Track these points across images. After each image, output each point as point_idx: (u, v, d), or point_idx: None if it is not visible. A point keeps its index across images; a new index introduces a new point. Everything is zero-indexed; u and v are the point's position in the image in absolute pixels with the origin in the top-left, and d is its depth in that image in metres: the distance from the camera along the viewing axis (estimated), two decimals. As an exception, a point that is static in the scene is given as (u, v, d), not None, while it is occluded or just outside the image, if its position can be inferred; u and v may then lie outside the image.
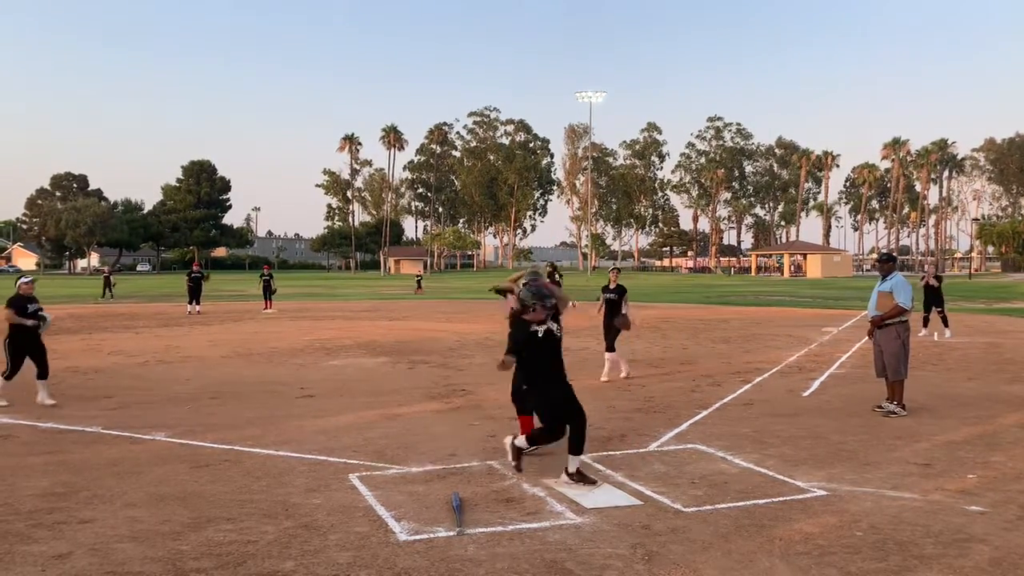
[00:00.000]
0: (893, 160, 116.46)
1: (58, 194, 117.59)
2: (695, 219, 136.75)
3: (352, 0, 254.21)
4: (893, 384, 9.73)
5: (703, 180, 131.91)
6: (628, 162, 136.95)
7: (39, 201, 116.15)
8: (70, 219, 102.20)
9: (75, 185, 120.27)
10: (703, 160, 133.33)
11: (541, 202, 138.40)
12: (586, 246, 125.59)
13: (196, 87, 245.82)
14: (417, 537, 5.26)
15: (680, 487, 6.46)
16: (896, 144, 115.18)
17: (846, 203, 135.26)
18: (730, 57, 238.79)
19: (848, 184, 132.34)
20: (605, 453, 7.64)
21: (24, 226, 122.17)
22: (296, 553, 4.98)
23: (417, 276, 53.40)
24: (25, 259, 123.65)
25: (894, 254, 11.52)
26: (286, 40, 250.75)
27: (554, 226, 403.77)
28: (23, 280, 10.66)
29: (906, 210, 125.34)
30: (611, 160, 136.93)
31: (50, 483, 6.56)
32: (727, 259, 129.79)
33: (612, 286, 13.11)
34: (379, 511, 5.80)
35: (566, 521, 5.62)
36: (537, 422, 6.97)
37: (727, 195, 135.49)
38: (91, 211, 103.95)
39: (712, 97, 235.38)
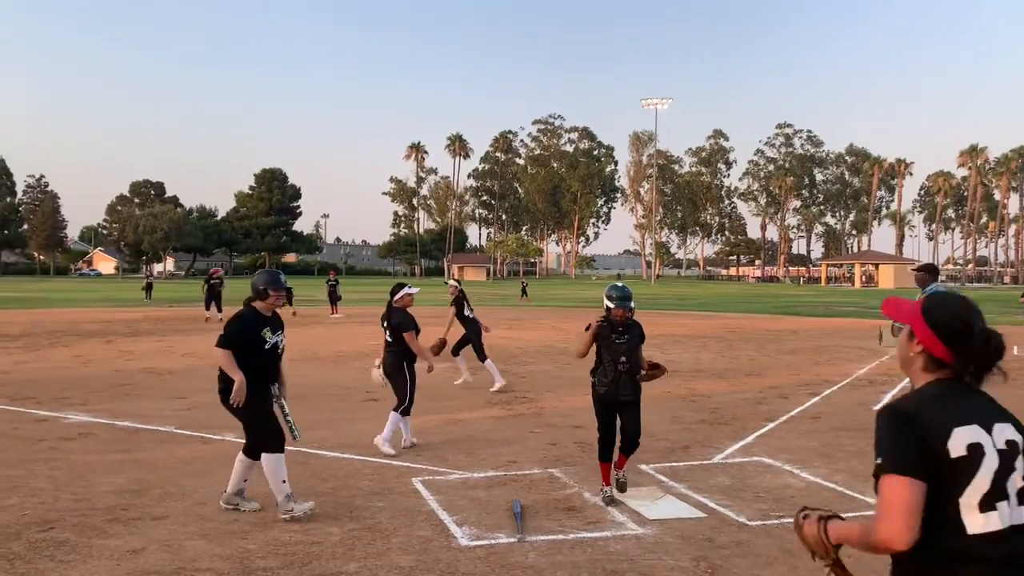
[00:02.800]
0: (970, 168, 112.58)
1: (136, 200, 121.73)
2: (763, 227, 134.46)
3: (420, 11, 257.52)
4: None
5: (772, 188, 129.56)
6: (694, 169, 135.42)
7: (119, 207, 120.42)
8: (147, 225, 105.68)
9: (152, 192, 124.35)
10: (772, 167, 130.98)
11: (604, 210, 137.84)
12: (650, 254, 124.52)
13: (270, 96, 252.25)
14: (478, 543, 5.28)
15: (745, 500, 6.34)
16: (974, 151, 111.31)
17: (920, 212, 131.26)
18: (800, 63, 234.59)
19: (922, 192, 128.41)
20: (668, 464, 7.56)
21: (104, 231, 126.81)
22: (360, 555, 5.04)
23: (523, 282, 50.37)
24: (105, 263, 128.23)
25: (933, 264, 11.00)
26: (356, 50, 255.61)
27: (617, 234, 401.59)
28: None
29: (984, 219, 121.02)
30: (676, 167, 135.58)
31: (125, 480, 6.78)
32: (796, 268, 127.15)
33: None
34: (441, 515, 5.84)
35: (628, 531, 5.57)
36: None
37: (796, 203, 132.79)
38: (167, 217, 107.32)
39: (781, 104, 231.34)
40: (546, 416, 10.02)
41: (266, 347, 5.88)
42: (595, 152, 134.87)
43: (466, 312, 12.44)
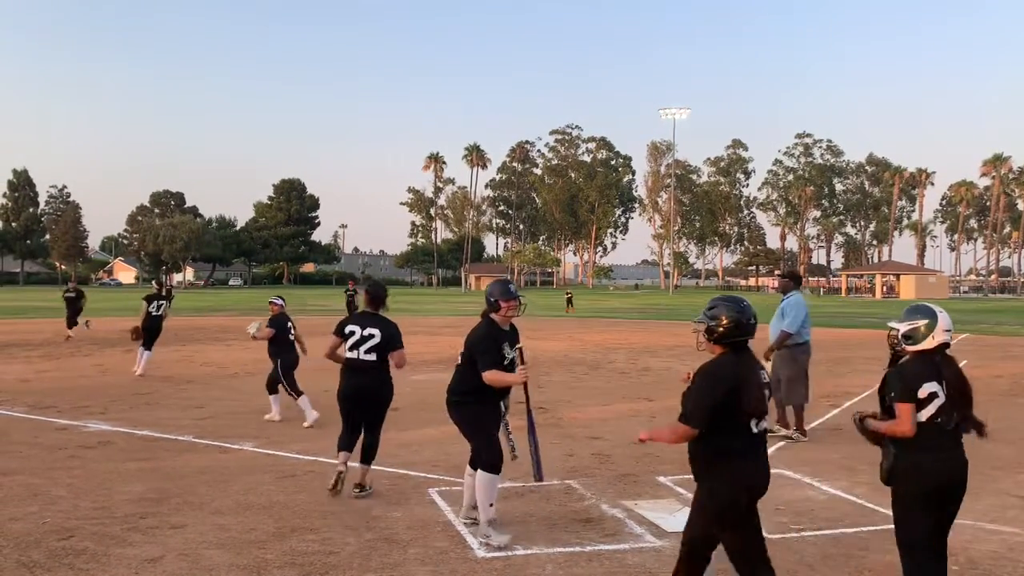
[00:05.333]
0: (994, 177, 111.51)
1: (156, 211, 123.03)
2: (782, 237, 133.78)
3: (437, 21, 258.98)
4: (794, 410, 9.28)
5: (791, 198, 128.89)
6: (712, 179, 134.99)
7: (139, 217, 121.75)
8: (167, 235, 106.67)
9: (172, 202, 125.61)
10: (791, 177, 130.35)
11: (622, 220, 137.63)
12: (668, 264, 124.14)
13: (289, 108, 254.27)
14: (495, 555, 5.25)
15: (764, 513, 6.21)
16: (997, 160, 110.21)
17: (942, 222, 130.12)
18: (819, 72, 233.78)
19: (944, 202, 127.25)
20: (687, 476, 7.46)
21: (125, 241, 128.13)
22: (376, 566, 5.03)
23: (568, 293, 48.90)
24: (125, 273, 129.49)
25: (796, 271, 10.85)
26: (374, 61, 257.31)
27: (635, 244, 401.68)
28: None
29: (1007, 229, 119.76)
30: (695, 177, 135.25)
31: (144, 489, 6.81)
32: (816, 279, 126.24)
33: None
34: (458, 527, 5.82)
35: (646, 544, 5.53)
36: None
37: (816, 213, 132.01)
38: (187, 227, 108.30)
39: (800, 113, 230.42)
40: (564, 427, 9.99)
41: (504, 363, 5.58)
42: (613, 162, 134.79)
43: (290, 336, 10.81)
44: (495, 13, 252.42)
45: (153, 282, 17.18)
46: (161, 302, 15.06)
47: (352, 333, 6.78)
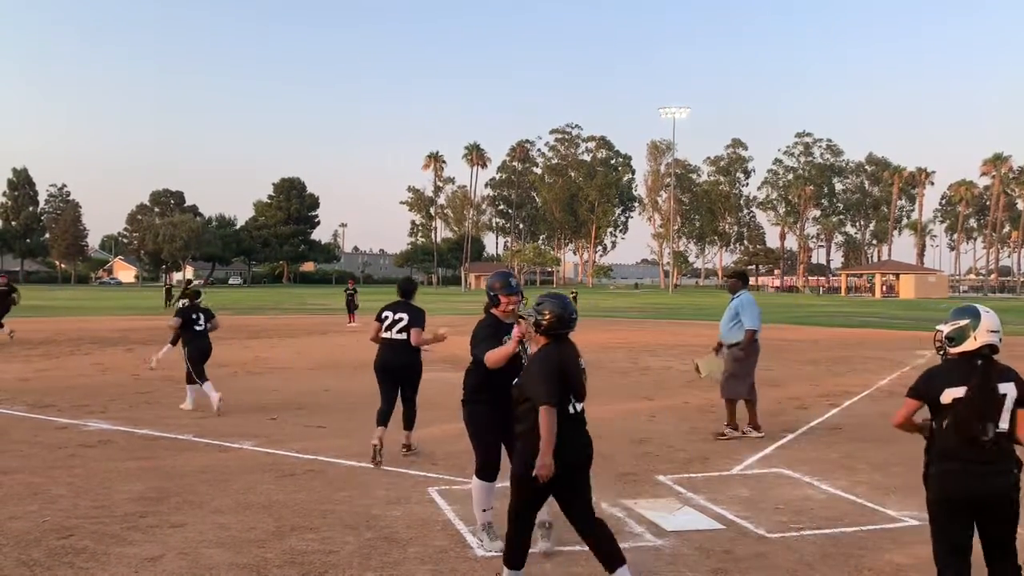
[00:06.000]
0: (994, 176, 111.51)
1: (156, 210, 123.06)
2: (782, 237, 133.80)
3: (437, 22, 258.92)
4: (727, 403, 9.40)
5: (791, 197, 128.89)
6: (712, 178, 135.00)
7: (139, 216, 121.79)
8: (167, 234, 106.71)
9: (172, 201, 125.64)
10: (791, 177, 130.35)
11: (622, 219, 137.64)
12: (668, 263, 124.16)
13: (288, 107, 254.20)
14: (494, 554, 5.25)
15: (764, 512, 6.29)
16: (997, 160, 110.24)
17: (941, 222, 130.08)
18: (819, 72, 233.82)
19: (944, 202, 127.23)
20: (686, 475, 7.50)
21: (124, 240, 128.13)
22: (376, 564, 5.04)
23: (573, 292, 46.68)
24: (125, 272, 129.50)
25: (744, 270, 10.95)
26: (374, 60, 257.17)
27: (635, 243, 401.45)
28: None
29: (1007, 229, 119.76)
30: (694, 176, 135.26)
31: (144, 488, 6.81)
32: (815, 278, 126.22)
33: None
34: (457, 525, 5.82)
35: (645, 543, 5.53)
36: None
37: (816, 212, 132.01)
38: (187, 226, 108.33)
39: (800, 113, 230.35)
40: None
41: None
42: (612, 161, 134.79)
43: (196, 327, 11.15)
44: (495, 14, 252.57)
45: (187, 284, 17.37)
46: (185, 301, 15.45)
47: (386, 318, 8.14)
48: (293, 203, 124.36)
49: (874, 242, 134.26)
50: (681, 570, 5.03)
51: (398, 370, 8.08)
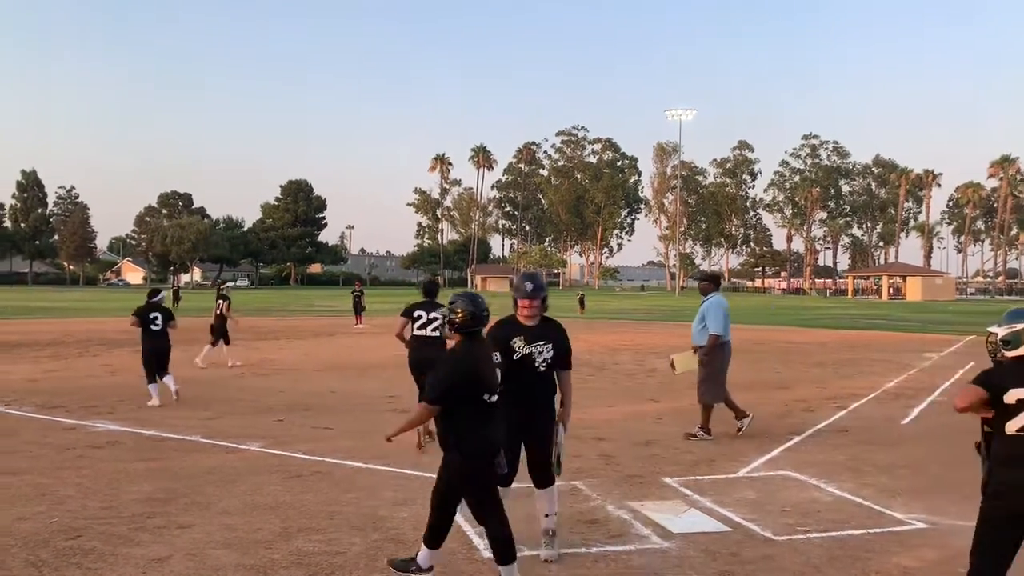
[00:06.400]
0: (1001, 179, 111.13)
1: (164, 212, 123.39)
2: (789, 239, 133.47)
3: (443, 22, 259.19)
4: (703, 408, 9.42)
5: (797, 199, 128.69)
6: (718, 180, 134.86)
7: (147, 218, 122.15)
8: (175, 235, 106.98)
9: (180, 203, 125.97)
10: (797, 179, 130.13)
11: (628, 221, 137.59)
12: (674, 265, 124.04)
13: (295, 108, 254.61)
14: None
15: (771, 514, 6.28)
16: (1005, 162, 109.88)
17: (948, 224, 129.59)
18: (825, 73, 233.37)
19: (951, 204, 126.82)
20: (692, 478, 7.50)
21: (133, 242, 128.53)
22: (382, 566, 5.04)
23: (580, 294, 47.84)
24: (133, 273, 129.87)
25: (716, 272, 10.99)
26: (380, 62, 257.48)
27: (641, 245, 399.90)
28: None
29: (1014, 231, 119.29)
30: (701, 178, 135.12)
31: (152, 488, 6.84)
32: (822, 281, 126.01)
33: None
34: (464, 528, 5.83)
35: (652, 545, 5.53)
36: None
37: (822, 214, 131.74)
38: (195, 228, 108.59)
39: (807, 114, 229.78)
40: (569, 428, 9.97)
41: (514, 357, 5.18)
42: (619, 163, 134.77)
43: (153, 327, 11.70)
44: (499, 14, 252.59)
45: (221, 285, 17.91)
46: (220, 301, 16.62)
47: (420, 316, 9.06)
48: (300, 205, 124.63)
49: (881, 244, 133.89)
50: (687, 572, 5.03)
51: (431, 364, 8.04)
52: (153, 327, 11.66)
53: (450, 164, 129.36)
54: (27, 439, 8.96)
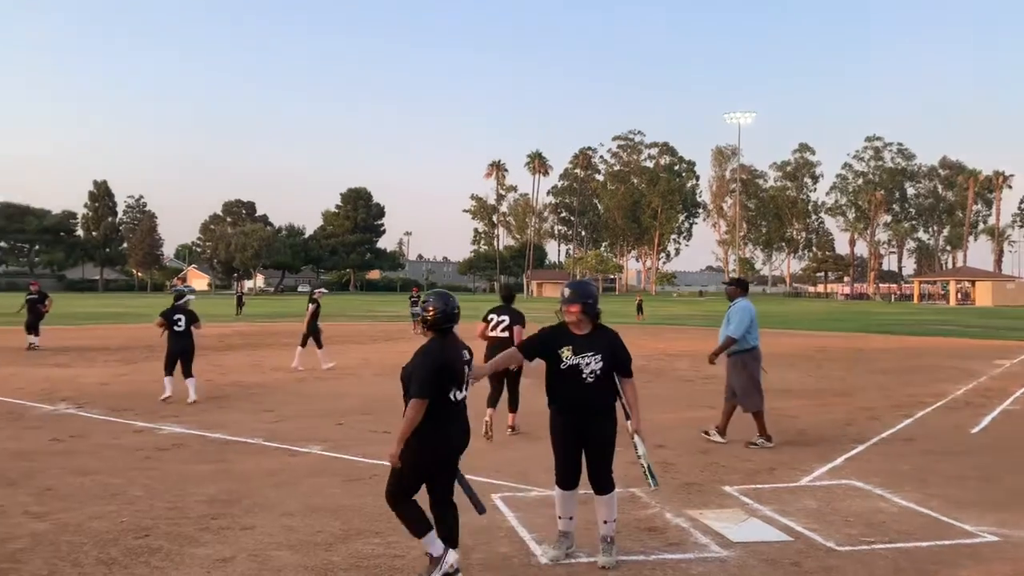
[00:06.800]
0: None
1: (229, 220, 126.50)
2: (852, 243, 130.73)
3: (498, 28, 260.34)
4: (753, 417, 9.21)
5: (860, 202, 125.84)
6: (779, 184, 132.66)
7: (212, 226, 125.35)
8: (239, 243, 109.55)
9: (244, 211, 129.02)
10: (860, 181, 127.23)
11: (686, 225, 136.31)
12: (733, 271, 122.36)
13: (355, 117, 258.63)
14: (559, 562, 5.25)
15: (833, 524, 6.14)
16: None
17: (1020, 226, 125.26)
18: (889, 73, 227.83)
19: (1023, 206, 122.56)
20: (752, 486, 7.38)
21: (198, 249, 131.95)
22: (440, 570, 5.06)
23: (638, 300, 46.68)
24: (198, 280, 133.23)
25: (743, 278, 10.78)
26: (437, 70, 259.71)
27: (700, 250, 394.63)
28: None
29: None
30: (761, 182, 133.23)
31: (216, 490, 7.00)
32: (887, 285, 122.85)
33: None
34: (521, 533, 5.84)
35: (711, 554, 5.46)
36: None
37: (887, 218, 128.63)
38: (257, 235, 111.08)
39: (870, 116, 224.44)
40: (627, 434, 9.90)
41: (561, 367, 5.25)
42: (676, 167, 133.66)
43: (176, 327, 12.34)
44: (554, 19, 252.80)
45: (315, 290, 18.34)
46: (310, 305, 17.19)
47: (492, 319, 9.99)
48: (360, 212, 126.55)
49: (948, 248, 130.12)
50: (747, 582, 4.95)
51: None
52: (176, 328, 12.27)
53: (506, 170, 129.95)
54: (98, 441, 9.25)
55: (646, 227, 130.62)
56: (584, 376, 5.19)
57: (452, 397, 4.78)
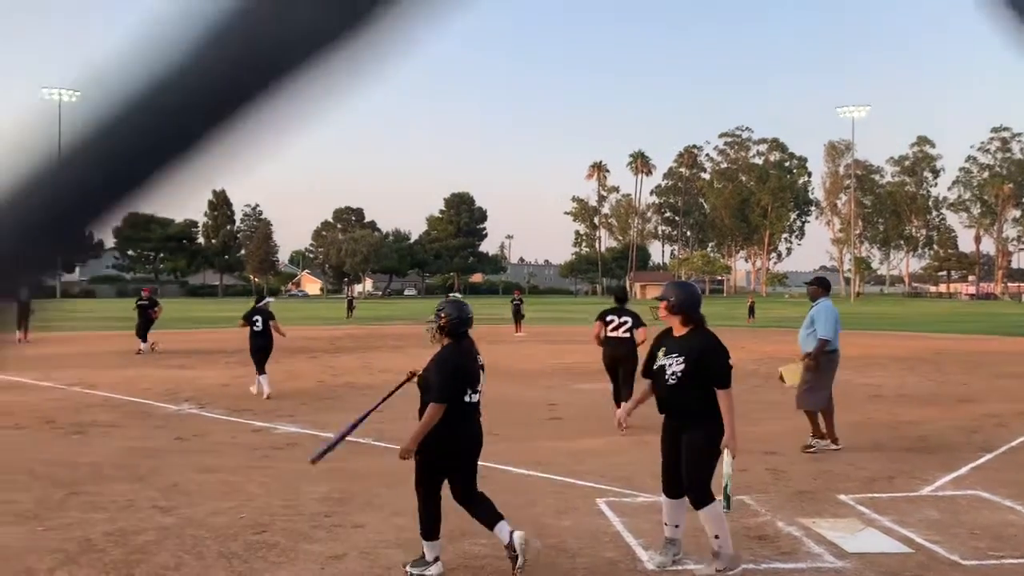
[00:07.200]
0: None
1: (339, 226, 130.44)
2: (977, 240, 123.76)
3: (601, 27, 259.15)
4: (807, 415, 8.85)
5: (986, 197, 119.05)
6: (897, 179, 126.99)
7: (323, 233, 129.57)
8: (348, 248, 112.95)
9: (353, 218, 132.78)
10: (986, 175, 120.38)
11: (798, 224, 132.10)
12: (849, 270, 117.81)
13: (456, 122, 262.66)
14: (665, 568, 5.18)
15: (958, 537, 5.83)
16: None
17: None
18: (1015, 60, 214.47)
19: None
20: (869, 495, 7.08)
21: (311, 255, 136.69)
22: (546, 573, 5.09)
23: (750, 301, 45.15)
24: (311, 285, 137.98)
25: (824, 277, 10.10)
26: (536, 72, 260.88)
27: (812, 249, 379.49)
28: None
29: None
30: (877, 177, 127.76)
31: (329, 489, 7.23)
32: (1016, 285, 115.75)
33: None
34: (627, 538, 5.79)
35: (825, 564, 5.28)
36: None
37: (1016, 213, 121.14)
38: (366, 241, 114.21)
39: (995, 106, 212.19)
40: (739, 441, 9.68)
41: (653, 367, 5.36)
42: (786, 163, 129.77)
43: (255, 327, 13.50)
44: (654, 14, 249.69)
45: (449, 294, 18.95)
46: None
47: (611, 320, 10.39)
48: (463, 217, 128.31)
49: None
50: (864, 595, 4.76)
51: (621, 360, 10.20)
52: (255, 328, 13.36)
53: (607, 171, 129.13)
54: (218, 439, 9.70)
55: (755, 226, 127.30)
56: (667, 377, 5.15)
57: (467, 399, 5.07)
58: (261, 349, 13.26)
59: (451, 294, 17.58)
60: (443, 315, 5.20)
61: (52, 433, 10.11)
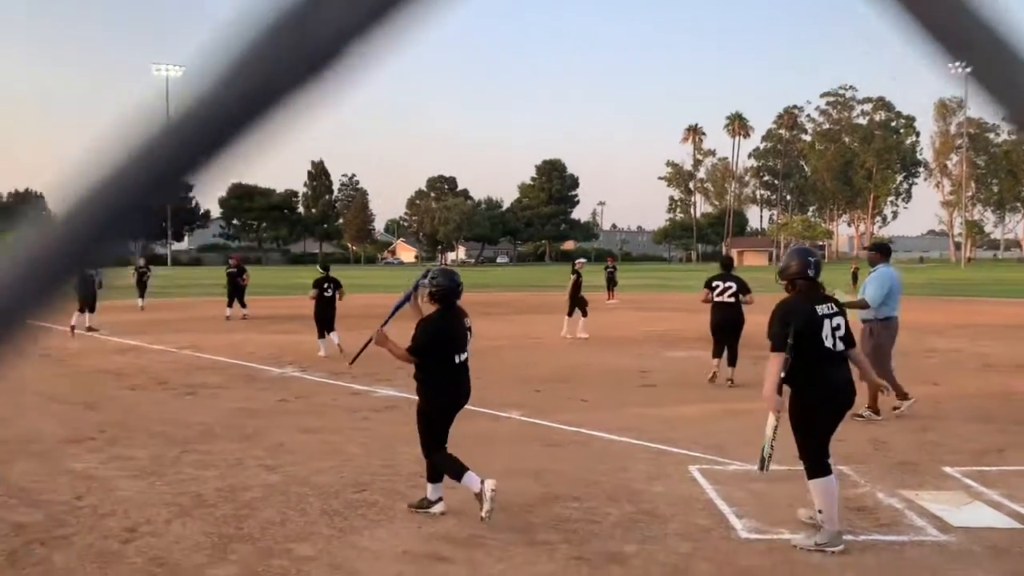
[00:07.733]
0: None
1: (432, 195, 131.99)
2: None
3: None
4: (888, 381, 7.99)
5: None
6: (1013, 138, 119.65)
7: (417, 201, 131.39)
8: (442, 217, 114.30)
9: (446, 186, 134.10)
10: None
11: (904, 186, 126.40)
12: (959, 235, 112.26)
13: (548, 87, 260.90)
14: (759, 536, 5.14)
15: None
16: None
17: None
18: None
19: None
20: (978, 468, 6.81)
21: (405, 223, 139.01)
22: (637, 538, 5.12)
23: (853, 267, 38.69)
24: (406, 252, 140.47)
25: (884, 242, 9.33)
26: (627, 36, 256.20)
27: (920, 213, 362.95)
28: None
29: None
30: (991, 136, 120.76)
31: (424, 451, 7.41)
32: None
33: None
34: (720, 505, 5.75)
35: (927, 537, 5.12)
36: None
37: None
38: (459, 209, 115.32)
39: None
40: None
41: (790, 343, 5.01)
42: (893, 123, 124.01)
43: (325, 294, 14.45)
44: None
45: (576, 261, 19.09)
46: (572, 276, 17.98)
47: (717, 286, 10.91)
48: (554, 184, 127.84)
49: None
50: (970, 569, 4.61)
51: (727, 324, 10.83)
52: (325, 294, 14.41)
53: (703, 134, 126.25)
54: (320, 401, 10.07)
55: (859, 189, 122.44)
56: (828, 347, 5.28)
57: (455, 360, 5.59)
58: (328, 314, 14.37)
59: (578, 259, 17.59)
60: (435, 284, 5.69)
61: (165, 394, 10.69)
